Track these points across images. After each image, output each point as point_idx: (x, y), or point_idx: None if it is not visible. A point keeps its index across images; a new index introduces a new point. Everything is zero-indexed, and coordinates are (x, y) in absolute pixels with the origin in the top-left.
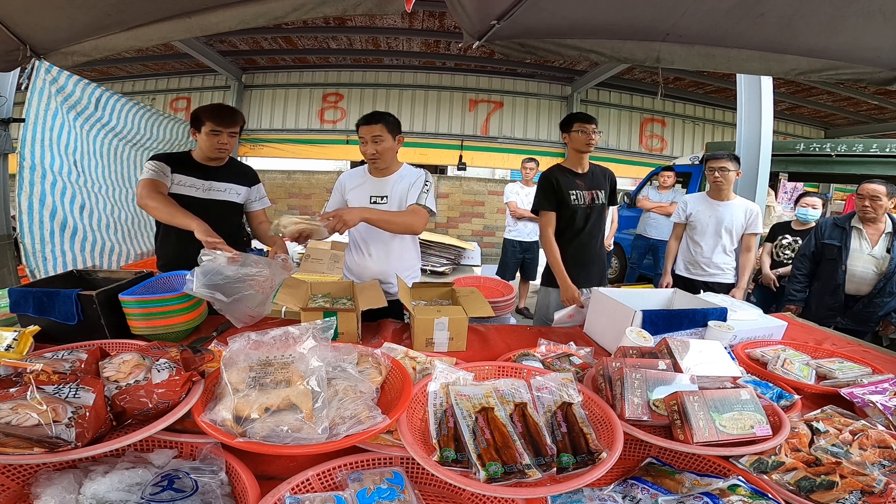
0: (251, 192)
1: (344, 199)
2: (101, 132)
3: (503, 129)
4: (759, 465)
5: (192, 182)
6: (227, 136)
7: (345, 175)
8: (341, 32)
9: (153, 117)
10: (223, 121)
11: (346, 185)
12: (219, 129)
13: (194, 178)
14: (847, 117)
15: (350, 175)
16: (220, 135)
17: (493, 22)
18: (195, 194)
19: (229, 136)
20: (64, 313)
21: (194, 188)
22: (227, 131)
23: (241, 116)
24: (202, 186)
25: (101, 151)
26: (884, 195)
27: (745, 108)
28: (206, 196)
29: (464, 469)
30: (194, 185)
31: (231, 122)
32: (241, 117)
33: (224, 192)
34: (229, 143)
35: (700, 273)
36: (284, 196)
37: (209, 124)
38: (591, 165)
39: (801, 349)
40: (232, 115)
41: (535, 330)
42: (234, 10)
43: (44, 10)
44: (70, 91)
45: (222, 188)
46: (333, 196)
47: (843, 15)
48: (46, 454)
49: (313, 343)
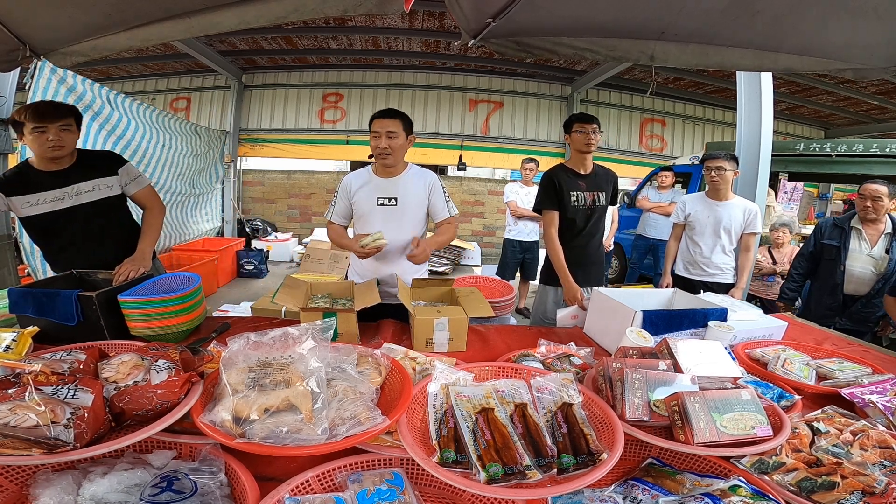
0: (121, 178)
1: (350, 202)
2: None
3: (503, 129)
4: (759, 466)
5: (51, 196)
6: (58, 130)
7: (349, 177)
8: (341, 32)
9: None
10: (44, 117)
11: (352, 187)
12: (42, 125)
13: (52, 191)
14: (847, 117)
15: (355, 176)
16: (46, 131)
17: (488, 20)
18: (61, 206)
19: (60, 129)
20: (63, 314)
21: (57, 200)
22: (55, 125)
23: (70, 111)
24: (65, 194)
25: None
26: (885, 196)
27: (745, 108)
28: (76, 202)
29: (464, 470)
30: (56, 198)
31: (54, 117)
32: (70, 112)
33: (94, 191)
34: (65, 139)
35: (699, 273)
36: (284, 196)
37: (29, 124)
38: (594, 166)
39: (802, 349)
40: (54, 108)
41: (535, 330)
42: (234, 10)
43: (44, 9)
44: (82, 91)
45: (89, 187)
46: (339, 199)
47: (837, 13)
48: (45, 455)
49: (313, 344)
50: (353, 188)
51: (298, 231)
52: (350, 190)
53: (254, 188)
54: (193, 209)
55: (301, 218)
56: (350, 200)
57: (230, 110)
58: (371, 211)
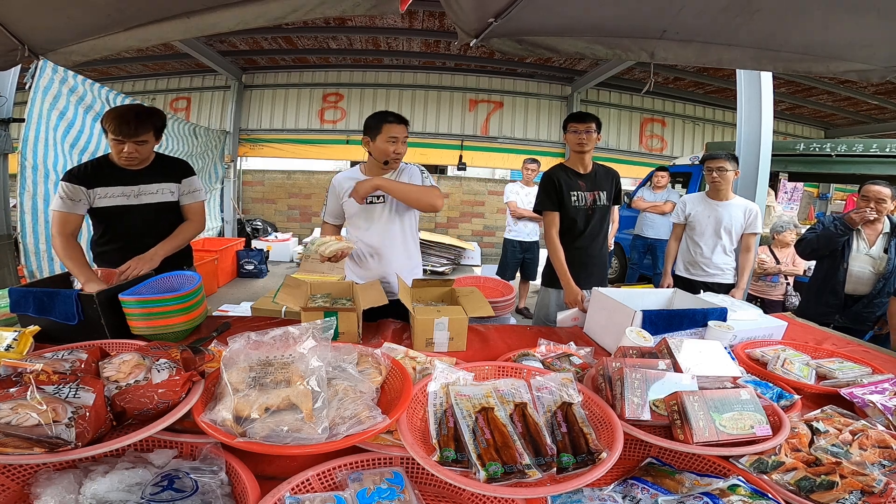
0: (182, 186)
1: (340, 202)
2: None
3: (503, 129)
4: (759, 465)
5: (119, 191)
6: (133, 145)
7: (339, 177)
8: (341, 32)
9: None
10: (122, 131)
11: (341, 187)
12: (120, 139)
13: (121, 187)
14: (847, 117)
15: (344, 177)
16: (123, 144)
17: (490, 20)
18: (125, 202)
19: (136, 144)
20: (64, 313)
21: (124, 196)
22: (131, 141)
23: (151, 124)
24: (131, 192)
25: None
26: (889, 198)
27: (745, 108)
28: (138, 202)
29: (464, 469)
30: (123, 194)
31: (133, 133)
32: (150, 125)
33: (156, 194)
34: (139, 152)
35: (700, 273)
36: (284, 196)
37: (110, 134)
38: (595, 165)
39: (801, 349)
40: (135, 125)
41: (535, 330)
42: (234, 10)
43: (42, 9)
44: (83, 92)
45: (153, 189)
46: (330, 200)
47: (838, 11)
48: (46, 454)
49: (313, 343)
50: (343, 188)
51: (298, 231)
52: (339, 191)
53: (254, 188)
54: None
55: (301, 218)
56: (340, 200)
57: (230, 110)
58: (361, 209)
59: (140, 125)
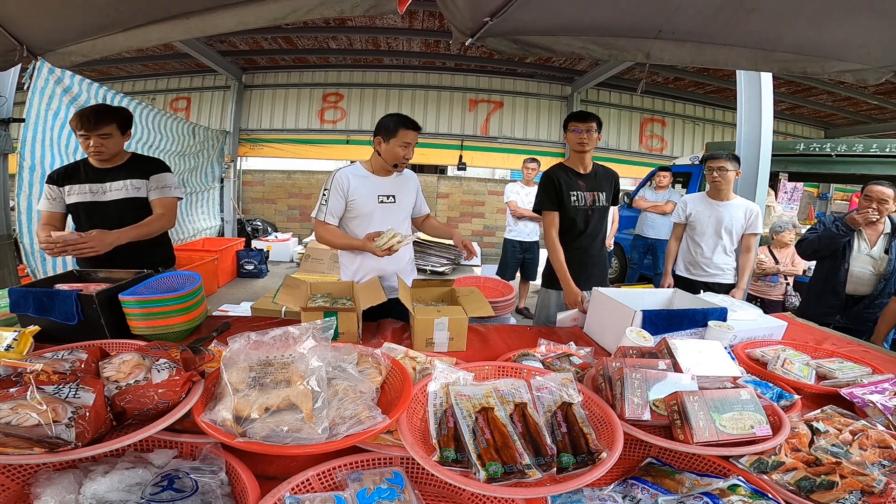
0: (149, 182)
1: (346, 199)
2: None
3: (503, 129)
4: (759, 465)
5: (87, 188)
6: (97, 139)
7: (343, 174)
8: (341, 32)
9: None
10: (84, 125)
11: (350, 184)
12: (84, 133)
13: (89, 184)
14: (847, 117)
15: (350, 174)
16: (89, 139)
17: (486, 19)
18: (90, 199)
19: (100, 138)
20: (64, 313)
21: (91, 193)
22: (95, 135)
23: (111, 117)
24: (99, 189)
25: None
26: (891, 199)
27: (745, 108)
28: (104, 198)
29: (464, 469)
30: (91, 191)
31: (94, 127)
32: (111, 118)
33: (121, 190)
34: (105, 145)
35: (700, 274)
36: (284, 196)
37: (76, 132)
38: (595, 166)
39: (801, 349)
40: (95, 120)
41: (535, 330)
42: (234, 10)
43: (42, 9)
44: (77, 92)
45: (119, 186)
46: (333, 197)
47: (833, 10)
48: (46, 454)
49: (313, 343)
50: (350, 185)
51: (298, 231)
52: (346, 187)
53: (254, 188)
54: (188, 208)
55: (301, 218)
56: (347, 197)
57: (230, 110)
58: (373, 210)
59: (100, 119)
